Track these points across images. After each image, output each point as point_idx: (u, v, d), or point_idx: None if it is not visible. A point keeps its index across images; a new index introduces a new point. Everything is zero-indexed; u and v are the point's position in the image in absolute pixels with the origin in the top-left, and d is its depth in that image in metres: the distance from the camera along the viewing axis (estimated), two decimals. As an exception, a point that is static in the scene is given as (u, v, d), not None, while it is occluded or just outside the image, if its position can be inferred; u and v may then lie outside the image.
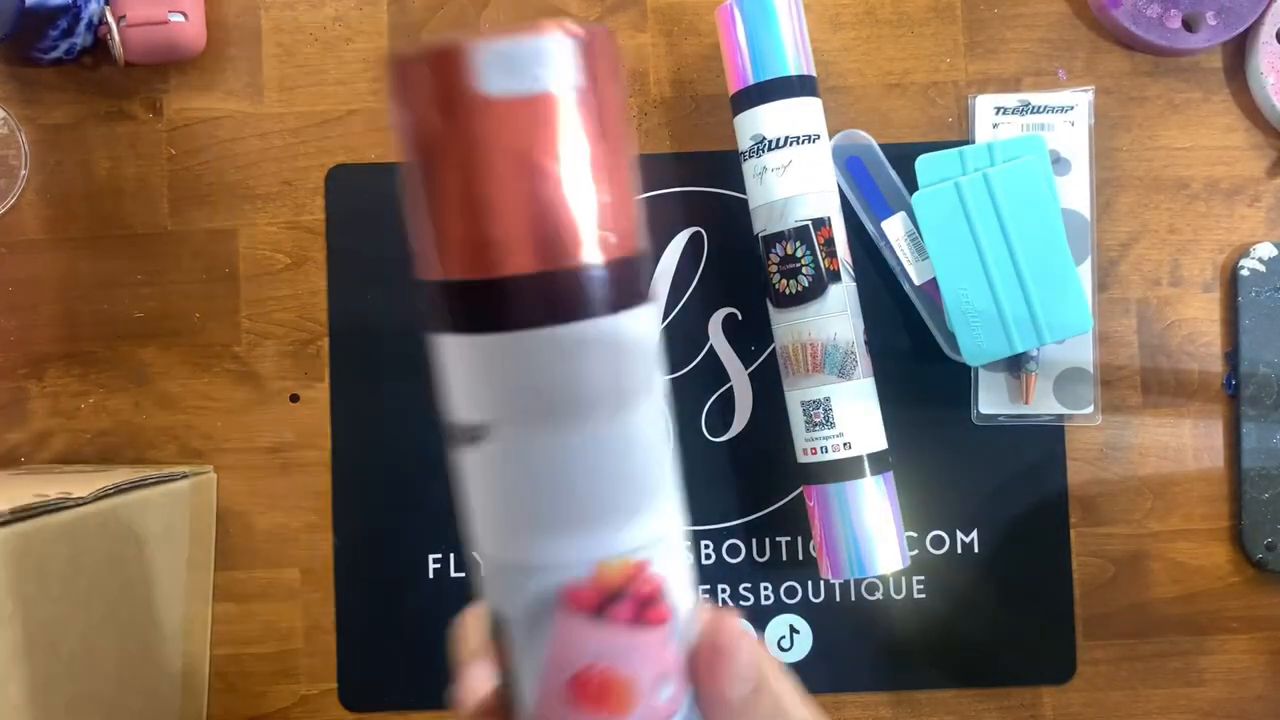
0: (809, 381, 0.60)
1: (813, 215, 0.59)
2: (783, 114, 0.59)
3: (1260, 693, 0.64)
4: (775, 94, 0.59)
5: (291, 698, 0.64)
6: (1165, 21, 0.64)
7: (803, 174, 0.59)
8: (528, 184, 0.26)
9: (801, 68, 0.60)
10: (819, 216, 0.59)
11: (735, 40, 0.60)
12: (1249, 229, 0.65)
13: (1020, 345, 0.61)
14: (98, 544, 0.52)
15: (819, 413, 0.59)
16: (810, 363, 0.59)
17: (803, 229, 0.59)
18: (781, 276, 0.60)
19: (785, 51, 0.59)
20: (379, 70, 0.64)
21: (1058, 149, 0.64)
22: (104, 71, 0.65)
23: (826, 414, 0.59)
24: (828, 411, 0.59)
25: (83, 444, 0.64)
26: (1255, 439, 0.64)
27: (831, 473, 0.59)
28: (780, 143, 0.59)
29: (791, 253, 0.59)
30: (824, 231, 0.59)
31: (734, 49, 0.60)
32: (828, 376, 0.59)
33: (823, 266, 0.59)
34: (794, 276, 0.60)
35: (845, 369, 0.59)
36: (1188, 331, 0.65)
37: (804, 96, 0.60)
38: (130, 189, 0.65)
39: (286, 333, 0.65)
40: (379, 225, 0.65)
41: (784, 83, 0.59)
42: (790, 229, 0.59)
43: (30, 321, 0.65)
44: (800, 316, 0.60)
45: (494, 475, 0.28)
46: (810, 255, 0.59)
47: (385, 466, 0.64)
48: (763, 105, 0.59)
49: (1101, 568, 0.64)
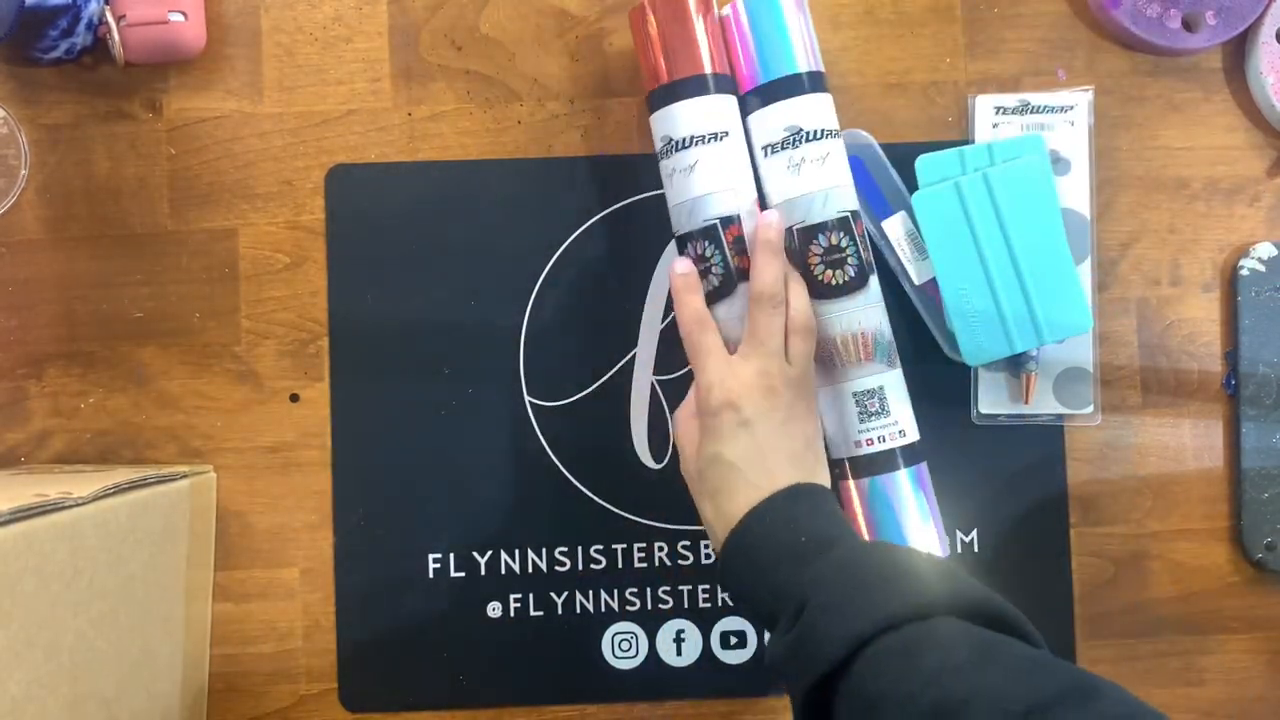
0: (862, 370, 0.59)
1: (851, 207, 0.59)
2: (811, 108, 0.59)
3: (1260, 693, 0.64)
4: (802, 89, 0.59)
5: (291, 698, 0.64)
6: (1165, 21, 0.64)
7: (835, 166, 0.59)
8: None
9: (811, 64, 0.60)
10: (855, 209, 0.59)
11: (742, 39, 0.60)
12: (1249, 229, 0.65)
13: (1020, 345, 0.61)
14: (98, 544, 0.52)
15: (874, 401, 0.59)
16: (864, 351, 0.59)
17: (844, 220, 0.59)
18: (826, 267, 0.59)
19: (794, 49, 0.59)
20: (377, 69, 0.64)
21: (1058, 149, 0.64)
22: (104, 71, 0.65)
23: (882, 403, 0.59)
24: (883, 400, 0.59)
25: (82, 444, 0.64)
26: (1255, 439, 0.64)
27: (883, 463, 0.59)
28: (818, 135, 0.59)
29: (836, 243, 0.59)
30: (859, 225, 0.59)
31: (740, 48, 0.60)
32: (878, 365, 0.59)
33: (864, 257, 0.59)
34: (840, 266, 0.59)
35: (891, 357, 0.59)
36: (1188, 331, 0.65)
37: (816, 93, 0.60)
38: (130, 189, 0.65)
39: (286, 332, 0.65)
40: (379, 225, 0.65)
41: (812, 77, 0.59)
42: (833, 220, 0.59)
43: (30, 321, 0.65)
44: (849, 306, 0.59)
45: None
46: (854, 246, 0.59)
47: (385, 466, 0.64)
48: (792, 98, 0.59)
49: (1101, 568, 0.64)
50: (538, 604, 0.64)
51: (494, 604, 0.64)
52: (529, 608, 0.64)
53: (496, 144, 0.65)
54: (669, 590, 0.64)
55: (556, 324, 0.64)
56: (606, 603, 0.64)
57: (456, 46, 0.65)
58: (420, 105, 0.65)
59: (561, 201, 0.65)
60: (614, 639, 0.64)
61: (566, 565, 0.64)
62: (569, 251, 0.65)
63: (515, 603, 0.64)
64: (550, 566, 0.64)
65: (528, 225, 0.65)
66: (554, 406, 0.64)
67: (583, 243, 0.65)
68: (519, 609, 0.64)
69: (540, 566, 0.64)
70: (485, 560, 0.64)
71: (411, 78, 0.65)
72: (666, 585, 0.64)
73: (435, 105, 0.65)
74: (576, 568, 0.64)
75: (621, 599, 0.64)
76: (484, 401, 0.64)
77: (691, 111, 0.58)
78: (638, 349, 0.65)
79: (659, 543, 0.64)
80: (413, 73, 0.65)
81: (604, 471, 0.64)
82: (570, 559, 0.64)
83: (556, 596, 0.64)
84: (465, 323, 0.65)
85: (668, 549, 0.65)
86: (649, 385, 0.65)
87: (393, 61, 0.65)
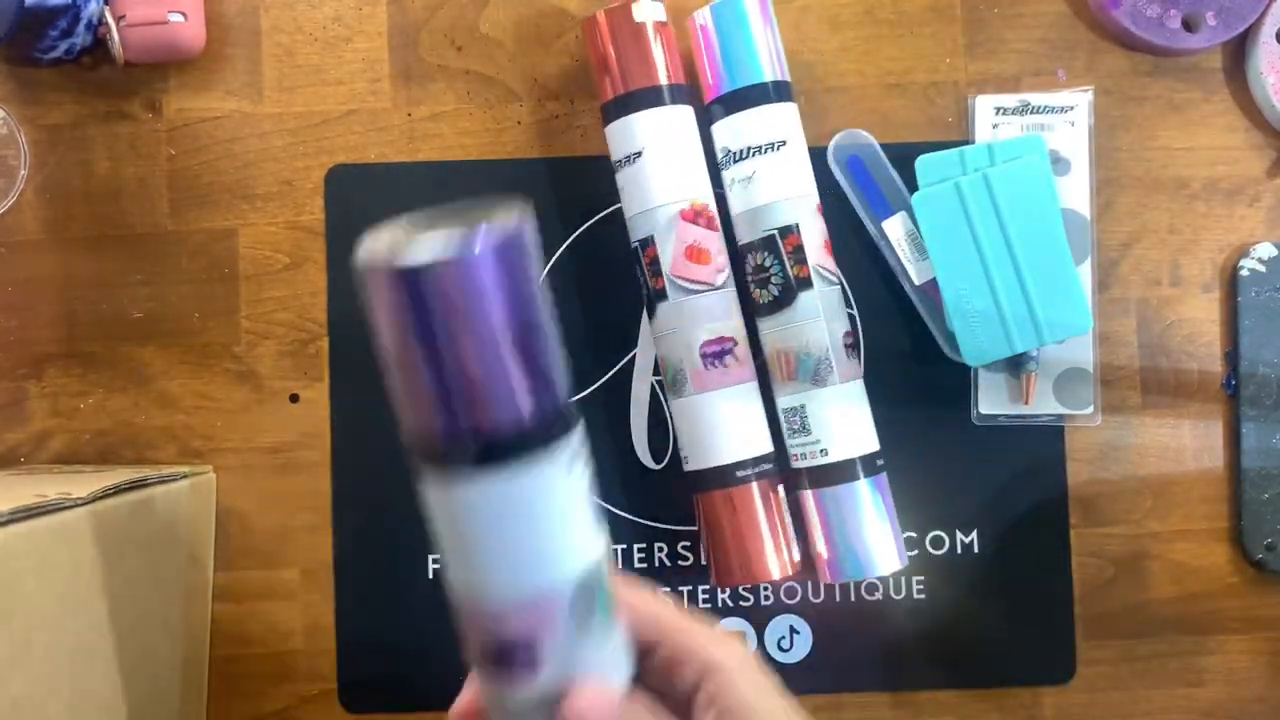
0: (787, 389, 0.60)
1: (787, 221, 0.59)
2: (751, 123, 0.60)
3: (1260, 693, 0.64)
4: (748, 102, 0.59)
5: (291, 698, 0.64)
6: (1165, 21, 0.64)
7: (775, 180, 0.60)
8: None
9: (776, 73, 0.60)
10: (793, 222, 0.59)
11: (708, 48, 0.60)
12: (1249, 229, 0.65)
13: (1020, 345, 0.61)
14: (98, 544, 0.52)
15: (796, 420, 0.60)
16: (786, 370, 0.60)
17: (769, 239, 0.60)
18: (755, 286, 0.60)
19: (759, 58, 0.59)
20: (378, 74, 0.64)
21: (1058, 149, 0.64)
22: (103, 71, 0.65)
23: (803, 421, 0.60)
24: (804, 418, 0.60)
25: (82, 444, 0.64)
26: (1255, 439, 0.64)
27: (819, 478, 0.60)
28: (747, 153, 0.60)
29: (760, 263, 0.60)
30: (791, 239, 0.59)
31: (705, 58, 0.60)
32: (801, 384, 0.59)
33: (790, 274, 0.59)
34: (764, 286, 0.60)
35: (819, 375, 0.59)
36: (1188, 331, 0.65)
37: (779, 103, 0.60)
38: (130, 189, 0.65)
39: (286, 333, 0.65)
40: (379, 225, 0.65)
41: (760, 89, 0.59)
42: (758, 239, 0.60)
43: (30, 321, 0.65)
44: (773, 324, 0.60)
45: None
46: (778, 264, 0.59)
47: (385, 466, 0.64)
48: (734, 114, 0.60)
49: (1101, 568, 0.64)
50: (538, 604, 0.64)
51: (494, 604, 0.64)
52: (529, 608, 0.64)
53: (496, 144, 0.65)
54: (669, 590, 0.64)
55: (556, 323, 0.64)
56: (606, 603, 0.64)
57: (456, 46, 0.65)
58: (420, 105, 0.65)
59: (561, 201, 0.65)
60: (614, 639, 0.64)
61: (566, 565, 0.64)
62: (569, 251, 0.65)
63: (515, 603, 0.64)
64: (550, 566, 0.64)
65: (527, 225, 0.65)
66: (554, 406, 0.64)
67: (583, 243, 0.65)
68: (519, 609, 0.64)
69: (540, 566, 0.64)
70: (485, 560, 0.64)
71: (411, 78, 0.65)
72: (666, 585, 0.64)
73: (435, 105, 0.65)
74: (576, 568, 0.64)
75: (621, 599, 0.64)
76: (484, 401, 0.64)
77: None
78: (637, 350, 0.65)
79: (659, 543, 0.64)
80: (413, 73, 0.65)
81: (604, 471, 0.64)
82: (570, 559, 0.64)
83: (556, 597, 0.64)
84: (465, 323, 0.64)
85: (667, 549, 0.64)
86: (649, 386, 0.65)
87: (393, 62, 0.65)
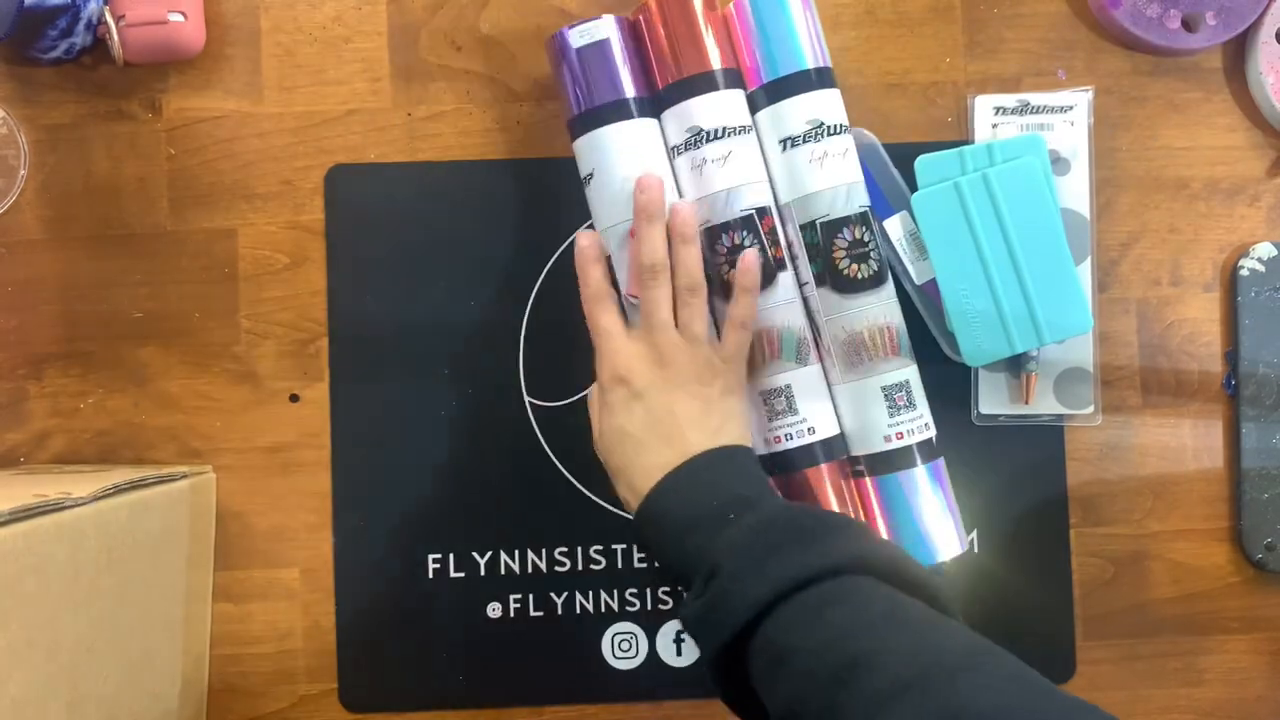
0: (888, 365, 0.59)
1: (868, 202, 0.59)
2: (826, 103, 0.59)
3: (1260, 693, 0.64)
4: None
5: (291, 698, 0.64)
6: (1165, 21, 0.64)
7: (854, 160, 0.59)
8: None
9: (819, 60, 0.60)
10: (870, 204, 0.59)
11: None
12: (1249, 229, 0.65)
13: (1020, 345, 0.61)
14: (98, 544, 0.52)
15: (901, 395, 0.59)
16: (889, 346, 0.59)
17: (864, 214, 0.59)
18: (851, 261, 0.59)
19: (801, 45, 0.59)
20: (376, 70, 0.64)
21: (1058, 149, 0.64)
22: (103, 71, 0.65)
23: (909, 396, 0.59)
24: (909, 394, 0.59)
25: (82, 444, 0.64)
26: (1255, 439, 0.64)
27: (900, 460, 0.59)
28: (837, 129, 0.59)
29: (859, 237, 0.58)
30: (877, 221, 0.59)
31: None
32: (904, 359, 0.59)
33: (883, 253, 0.59)
34: (864, 260, 0.59)
35: (911, 351, 0.59)
36: (1188, 331, 0.65)
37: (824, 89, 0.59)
38: (130, 189, 0.65)
39: (286, 333, 0.65)
40: (378, 225, 0.65)
41: (803, 76, 0.59)
42: (855, 214, 0.59)
43: (30, 321, 0.65)
44: (873, 300, 0.59)
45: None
46: (874, 241, 0.59)
47: (385, 466, 0.64)
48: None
49: (1101, 568, 0.64)
50: (538, 604, 0.64)
51: (494, 604, 0.64)
52: (529, 608, 0.64)
53: (496, 144, 0.65)
54: (669, 590, 0.64)
55: (556, 324, 0.64)
56: (606, 603, 0.64)
57: (456, 46, 0.65)
58: (420, 105, 0.65)
59: (561, 201, 0.64)
60: (614, 639, 0.64)
61: (566, 565, 0.64)
62: (569, 251, 0.65)
63: (515, 603, 0.64)
64: (550, 566, 0.64)
65: (528, 225, 0.64)
66: (554, 406, 0.64)
67: (583, 243, 0.65)
68: (519, 609, 0.64)
69: (540, 566, 0.64)
70: (485, 560, 0.64)
71: (411, 78, 0.65)
72: (666, 585, 0.64)
73: (435, 105, 0.65)
74: (576, 568, 0.64)
75: (621, 599, 0.64)
76: (483, 401, 0.64)
77: (716, 104, 0.58)
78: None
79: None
80: (413, 73, 0.65)
81: (604, 471, 0.64)
82: (570, 559, 0.64)
83: (556, 596, 0.64)
84: (465, 323, 0.65)
85: (668, 549, 0.64)
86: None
87: (393, 61, 0.65)
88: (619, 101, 0.58)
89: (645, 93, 0.59)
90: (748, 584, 0.46)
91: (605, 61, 0.58)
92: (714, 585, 0.48)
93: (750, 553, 0.48)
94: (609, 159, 0.58)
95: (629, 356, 0.56)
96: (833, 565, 0.46)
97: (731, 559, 0.48)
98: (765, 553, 0.47)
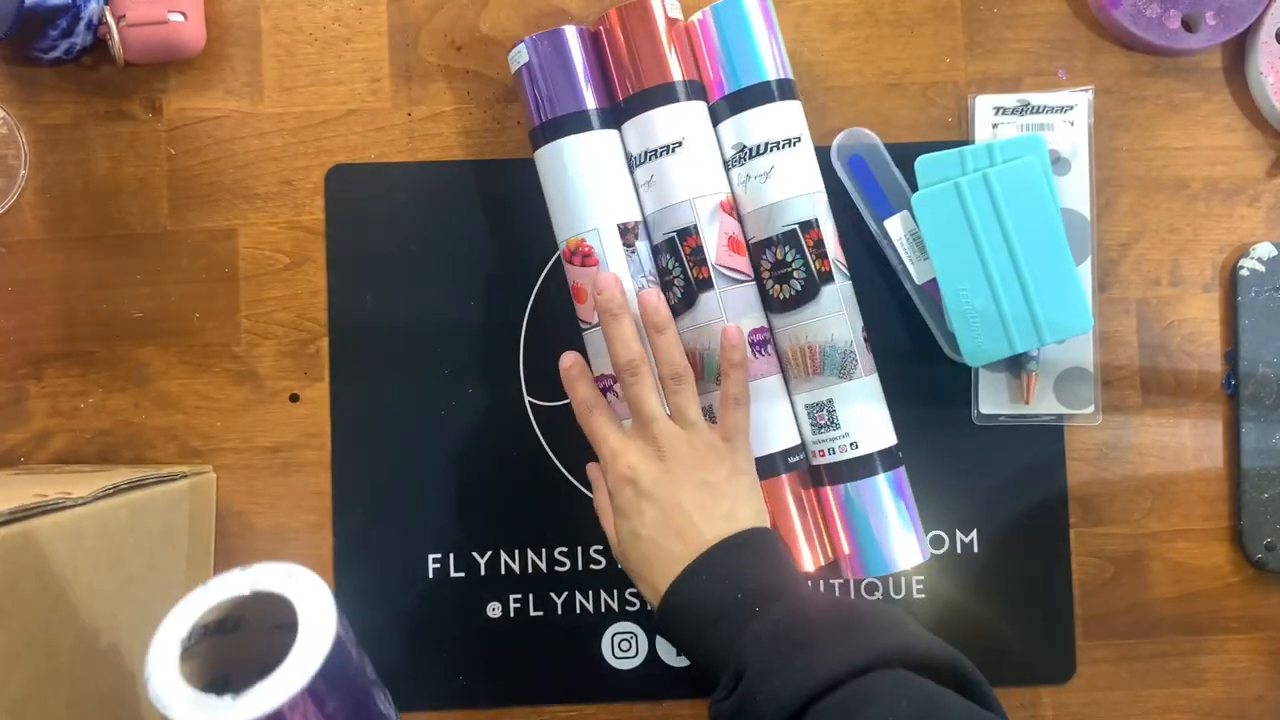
0: (809, 384, 0.60)
1: (805, 217, 0.59)
2: (763, 120, 0.59)
3: (1260, 693, 0.64)
4: (754, 100, 0.59)
5: (291, 698, 0.64)
6: (1165, 21, 0.64)
7: (788, 177, 0.59)
8: None
9: (779, 71, 0.60)
10: (806, 219, 0.59)
11: (712, 49, 0.60)
12: (1249, 229, 0.65)
13: (1020, 345, 0.61)
14: (98, 544, 0.52)
15: (823, 414, 0.60)
16: (810, 365, 0.60)
17: (790, 233, 0.59)
18: (774, 282, 0.60)
19: (762, 57, 0.59)
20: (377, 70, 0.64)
21: (1058, 149, 0.64)
22: (103, 71, 0.65)
23: (831, 415, 0.59)
24: (832, 413, 0.59)
25: (82, 444, 0.64)
26: (1255, 439, 0.64)
27: (839, 473, 0.60)
28: (765, 148, 0.59)
29: (781, 258, 0.59)
30: (812, 234, 0.59)
31: (708, 59, 0.60)
32: (827, 377, 0.59)
33: (814, 269, 0.59)
34: (785, 281, 0.60)
35: (845, 369, 0.59)
36: (1188, 331, 0.65)
37: (784, 101, 0.60)
38: (130, 189, 0.65)
39: (286, 333, 0.65)
40: (379, 225, 0.65)
41: (763, 88, 0.59)
42: (778, 234, 0.59)
43: (30, 321, 0.65)
44: (794, 320, 0.60)
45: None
46: (801, 259, 0.59)
47: (385, 466, 0.64)
48: (743, 112, 0.59)
49: (1101, 568, 0.64)
50: (538, 604, 0.64)
51: (494, 604, 0.64)
52: (529, 608, 0.64)
53: (496, 144, 0.65)
54: (669, 590, 0.64)
55: (556, 324, 0.64)
56: (606, 603, 0.64)
57: (456, 46, 0.65)
58: (420, 105, 0.65)
59: (561, 201, 0.65)
60: (614, 639, 0.64)
61: (566, 565, 0.64)
62: (569, 251, 0.65)
63: (515, 603, 0.64)
64: (550, 566, 0.64)
65: (528, 225, 0.64)
66: (554, 406, 0.64)
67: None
68: (519, 609, 0.64)
69: (540, 566, 0.64)
70: (485, 560, 0.64)
71: (411, 78, 0.65)
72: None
73: (435, 105, 0.65)
74: (576, 568, 0.64)
75: (621, 599, 0.64)
76: (484, 401, 0.64)
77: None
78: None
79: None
80: (412, 73, 0.65)
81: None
82: (570, 559, 0.64)
83: (556, 596, 0.64)
84: (465, 323, 0.65)
85: (668, 549, 0.64)
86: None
87: (392, 61, 0.65)
88: (580, 113, 0.59)
89: (606, 104, 0.60)
90: (777, 685, 0.45)
91: (565, 73, 0.59)
92: (744, 686, 0.47)
93: (779, 653, 0.47)
94: (569, 170, 0.59)
95: (630, 455, 0.56)
96: (865, 662, 0.45)
97: (759, 657, 0.47)
98: (794, 651, 0.46)
